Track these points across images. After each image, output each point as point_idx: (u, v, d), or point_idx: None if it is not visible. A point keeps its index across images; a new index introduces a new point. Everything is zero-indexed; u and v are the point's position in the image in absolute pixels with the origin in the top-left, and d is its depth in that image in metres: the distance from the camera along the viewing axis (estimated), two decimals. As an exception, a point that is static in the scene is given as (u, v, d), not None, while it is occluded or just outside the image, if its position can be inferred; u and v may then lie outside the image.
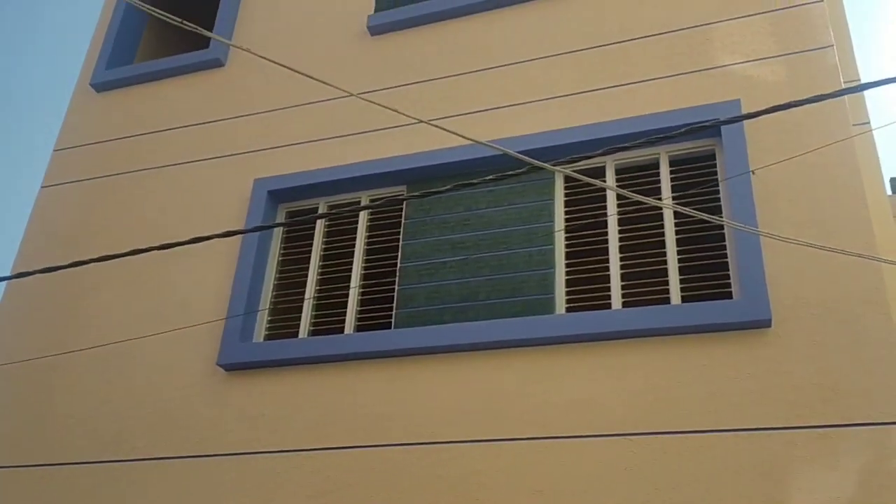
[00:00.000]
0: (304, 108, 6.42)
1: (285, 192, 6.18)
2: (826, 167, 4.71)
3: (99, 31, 7.91)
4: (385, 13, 6.69)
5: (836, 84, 4.93)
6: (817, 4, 5.30)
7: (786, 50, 5.21)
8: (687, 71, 5.40)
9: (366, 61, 6.55)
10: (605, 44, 5.80)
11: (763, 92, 5.10)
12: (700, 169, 5.19)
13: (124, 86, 7.37)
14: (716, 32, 5.48)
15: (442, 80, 6.18)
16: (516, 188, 5.50)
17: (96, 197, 6.78)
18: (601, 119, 5.48)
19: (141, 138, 6.95)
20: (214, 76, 7.05)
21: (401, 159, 5.88)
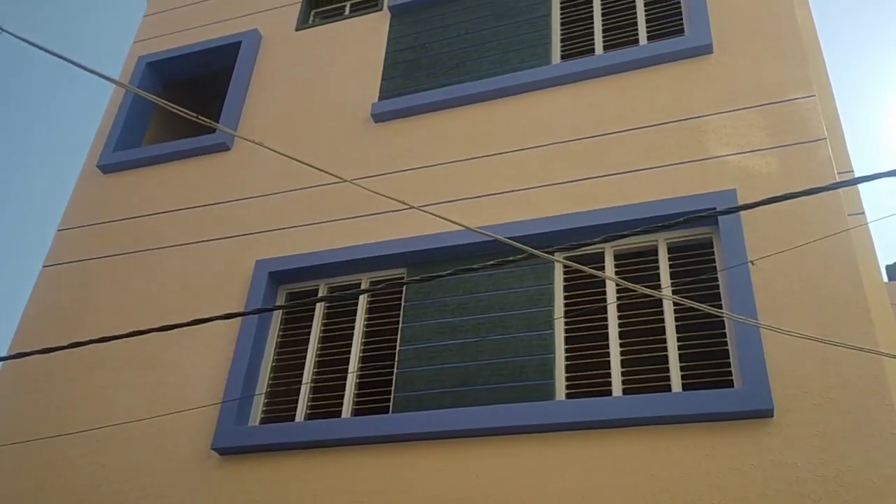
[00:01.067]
0: (306, 191, 6.52)
1: (286, 274, 6.22)
2: (824, 256, 4.75)
3: (108, 113, 8.11)
4: (389, 101, 6.87)
5: (830, 175, 5.04)
6: (809, 99, 5.46)
7: (780, 142, 5.34)
8: (683, 161, 5.52)
9: (369, 147, 6.69)
10: (604, 133, 5.93)
11: (759, 182, 5.20)
12: (698, 256, 5.23)
13: (131, 168, 7.50)
14: (711, 124, 5.63)
15: (443, 165, 6.30)
16: (516, 273, 5.53)
17: (97, 277, 6.81)
18: (600, 206, 5.56)
19: (145, 219, 7.03)
20: (220, 159, 7.19)
21: (401, 242, 5.94)
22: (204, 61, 8.24)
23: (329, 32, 7.80)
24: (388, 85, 7.03)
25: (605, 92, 6.17)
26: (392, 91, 6.97)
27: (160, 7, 8.98)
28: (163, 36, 8.58)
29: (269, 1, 8.34)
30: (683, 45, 6.08)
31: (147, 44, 8.60)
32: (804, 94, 5.49)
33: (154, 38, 8.61)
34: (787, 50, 5.78)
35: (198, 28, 8.43)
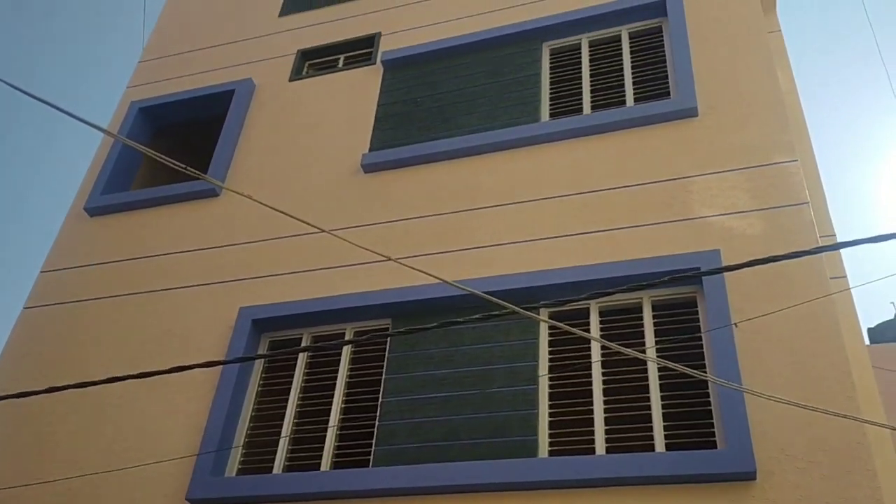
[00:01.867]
0: (293, 239, 6.52)
1: (270, 322, 6.18)
2: (807, 320, 4.79)
3: (98, 156, 8.12)
4: (379, 153, 6.93)
5: (812, 239, 5.10)
6: (792, 163, 5.57)
7: (763, 205, 5.43)
8: (668, 220, 5.58)
9: (359, 197, 6.73)
10: (590, 190, 6.00)
11: (742, 243, 5.26)
12: (682, 315, 5.25)
13: (118, 211, 7.49)
14: (696, 185, 5.71)
15: (432, 217, 6.34)
16: (501, 327, 5.52)
17: (78, 320, 6.73)
18: (585, 262, 5.59)
19: (129, 263, 6.99)
20: (208, 205, 7.19)
21: (386, 293, 5.93)
22: (197, 108, 8.31)
23: (322, 83, 7.91)
24: (379, 136, 7.10)
25: (592, 150, 6.27)
26: (383, 143, 7.05)
27: (156, 54, 9.09)
28: (156, 82, 8.67)
29: (263, 51, 8.47)
30: (669, 107, 6.21)
31: (140, 89, 8.68)
32: (787, 158, 5.60)
33: (147, 84, 8.69)
34: (770, 115, 5.91)
35: (192, 75, 8.53)
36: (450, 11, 7.92)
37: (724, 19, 6.67)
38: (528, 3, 7.60)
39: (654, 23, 7.04)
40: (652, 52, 6.87)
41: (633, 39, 7.04)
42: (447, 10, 7.96)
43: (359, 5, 8.50)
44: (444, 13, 7.93)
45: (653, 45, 6.92)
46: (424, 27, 7.89)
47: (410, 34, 7.88)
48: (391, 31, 8.01)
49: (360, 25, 8.27)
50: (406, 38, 7.87)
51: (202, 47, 8.84)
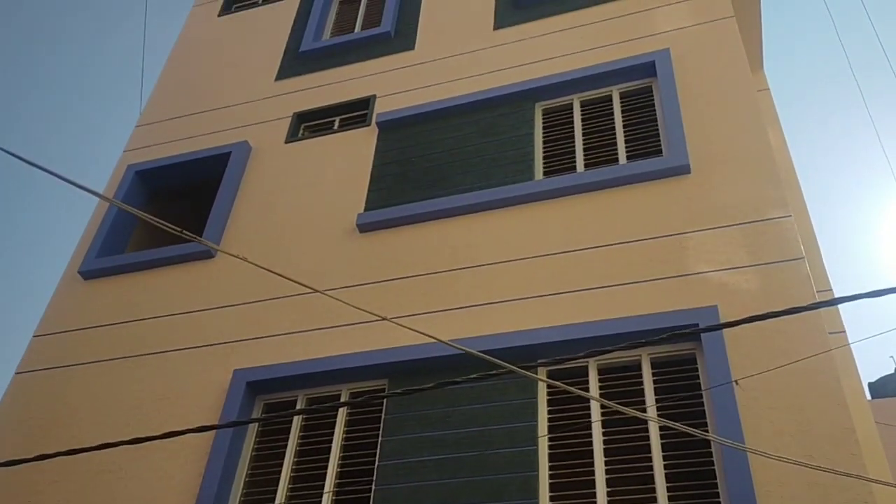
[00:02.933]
0: (288, 299, 6.49)
1: (264, 384, 6.10)
2: (807, 376, 4.74)
3: (94, 219, 8.13)
4: (374, 212, 6.96)
5: (810, 294, 5.10)
6: (786, 219, 5.60)
7: (759, 260, 5.43)
8: (665, 276, 5.58)
9: (354, 256, 6.73)
10: (586, 247, 6.01)
11: (739, 299, 5.25)
12: (682, 372, 5.21)
13: (112, 274, 7.46)
14: (691, 241, 5.73)
15: (428, 276, 6.33)
16: (498, 386, 5.46)
17: (71, 384, 6.64)
18: (582, 319, 5.57)
19: (123, 326, 6.93)
20: (204, 267, 7.18)
21: (383, 353, 5.88)
22: (193, 170, 8.37)
23: (318, 145, 7.99)
24: (374, 196, 7.14)
25: (586, 207, 6.30)
26: (378, 202, 7.08)
27: (153, 118, 9.19)
28: (153, 146, 8.74)
29: (260, 114, 8.58)
30: (662, 164, 6.27)
31: (137, 153, 8.75)
32: (780, 213, 5.64)
33: (144, 148, 8.77)
34: (762, 171, 5.97)
35: (189, 138, 8.62)
36: (443, 74, 8.06)
37: (713, 79, 6.79)
38: (519, 64, 7.75)
39: (644, 83, 7.17)
40: (643, 111, 6.98)
41: (623, 99, 7.15)
42: (440, 72, 8.10)
43: (354, 69, 8.65)
44: (438, 75, 8.08)
45: (643, 104, 7.03)
46: (418, 89, 8.02)
47: (405, 96, 8.01)
48: (386, 94, 8.14)
49: (356, 88, 8.40)
50: (400, 99, 7.99)
51: (199, 111, 8.95)
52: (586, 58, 7.48)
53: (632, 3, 7.86)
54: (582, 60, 7.48)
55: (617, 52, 7.39)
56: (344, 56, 8.88)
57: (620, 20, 7.73)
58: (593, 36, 7.68)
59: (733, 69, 6.80)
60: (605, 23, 7.78)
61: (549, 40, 7.88)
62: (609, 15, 7.83)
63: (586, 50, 7.57)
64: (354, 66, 8.69)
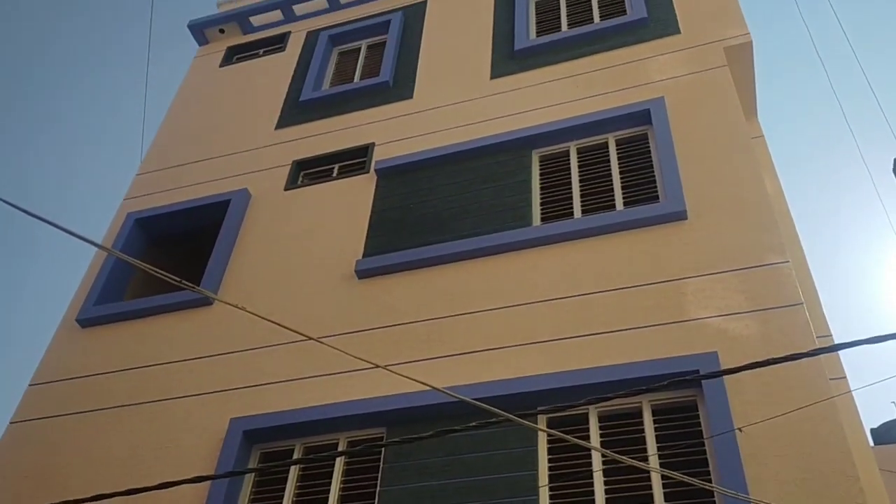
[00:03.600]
0: (286, 346, 6.45)
1: (261, 433, 6.04)
2: (809, 422, 4.71)
3: (92, 267, 8.13)
4: (372, 258, 6.97)
5: (810, 340, 5.08)
6: (784, 265, 5.61)
7: (758, 306, 5.43)
8: (664, 322, 5.57)
9: (353, 303, 6.72)
10: (584, 293, 6.01)
11: (739, 345, 5.23)
12: (684, 419, 5.16)
13: (110, 322, 7.44)
14: (689, 287, 5.73)
15: (426, 322, 6.31)
16: (498, 434, 5.40)
17: (66, 434, 6.57)
18: (581, 366, 5.54)
19: (120, 374, 6.88)
20: (201, 314, 7.15)
21: (380, 401, 5.83)
22: (193, 218, 8.41)
23: (317, 192, 8.04)
24: (373, 242, 7.16)
25: (584, 253, 6.32)
26: (376, 248, 7.10)
27: (153, 166, 9.27)
28: (153, 193, 8.80)
29: (260, 162, 8.65)
30: (659, 210, 6.31)
31: (137, 201, 8.80)
32: (778, 259, 5.65)
33: (144, 196, 8.82)
34: (759, 218, 6.00)
35: (189, 186, 8.68)
36: (441, 122, 8.16)
37: (708, 127, 6.87)
38: (516, 112, 7.85)
39: (640, 130, 7.25)
40: (639, 157, 7.05)
41: (619, 146, 7.23)
42: (438, 120, 8.20)
43: (353, 117, 8.76)
44: (436, 123, 8.17)
45: (639, 151, 7.10)
46: (417, 137, 8.11)
47: (403, 144, 8.09)
48: (384, 141, 8.23)
49: (355, 136, 8.50)
50: (399, 147, 8.07)
51: (200, 159, 9.03)
52: (582, 106, 7.58)
53: (626, 53, 8.00)
54: (578, 108, 7.58)
55: (612, 100, 7.49)
56: (343, 105, 9.00)
57: (615, 69, 7.86)
58: (589, 84, 7.80)
59: (727, 117, 6.88)
60: (600, 72, 7.91)
61: (545, 89, 8.00)
62: (604, 64, 7.97)
63: (582, 98, 7.68)
64: (353, 114, 8.80)
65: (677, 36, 7.95)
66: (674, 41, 7.91)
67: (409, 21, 9.97)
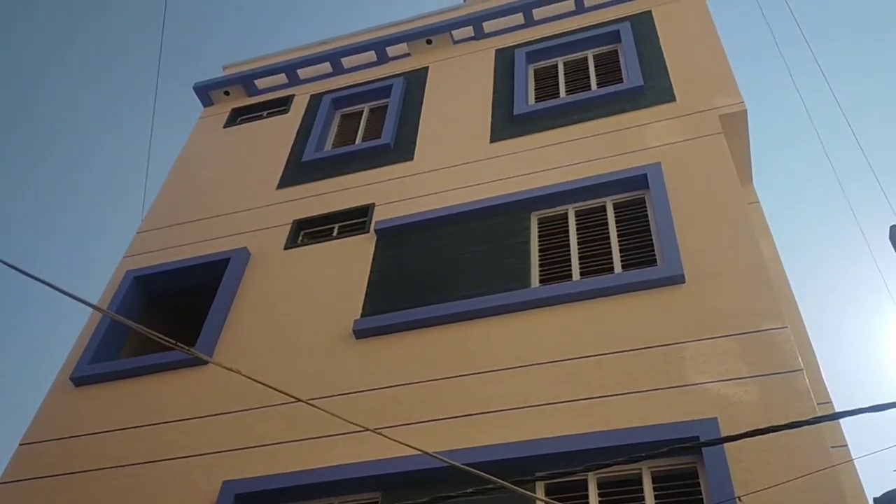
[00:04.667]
0: (280, 408, 6.36)
1: (253, 497, 5.92)
2: (811, 491, 4.62)
3: (89, 324, 8.09)
4: (370, 318, 6.96)
5: (810, 407, 5.04)
6: (782, 330, 5.60)
7: (757, 371, 5.40)
8: (663, 387, 5.53)
9: (350, 363, 6.68)
10: (582, 356, 5.98)
11: (739, 411, 5.18)
12: (684, 487, 5.07)
13: (104, 381, 7.36)
14: (688, 351, 5.71)
15: (421, 384, 6.26)
16: (495, 500, 5.29)
17: (56, 496, 6.42)
18: (579, 430, 5.47)
19: (113, 434, 6.79)
20: (197, 374, 7.09)
21: (376, 464, 5.74)
22: (192, 276, 8.41)
23: (316, 252, 8.07)
24: (371, 302, 7.16)
25: (582, 316, 6.31)
26: (375, 308, 7.09)
27: (154, 225, 9.32)
28: (153, 251, 8.82)
29: (260, 221, 8.71)
30: (657, 274, 6.33)
31: (137, 259, 8.82)
32: (776, 325, 5.64)
33: (144, 254, 8.85)
34: (756, 283, 6.02)
35: (189, 244, 8.71)
36: (441, 183, 8.25)
37: (704, 192, 6.95)
38: (515, 175, 7.95)
39: (637, 194, 7.33)
40: (636, 221, 7.10)
41: (617, 209, 7.29)
42: (438, 182, 8.29)
43: (354, 178, 8.86)
44: (436, 185, 8.26)
45: (637, 214, 7.16)
46: (417, 198, 8.18)
47: (403, 204, 8.16)
48: (385, 202, 8.30)
49: (355, 196, 8.57)
50: (399, 208, 8.14)
51: (200, 218, 9.09)
52: (580, 170, 7.69)
53: (623, 119, 8.14)
54: (576, 172, 7.68)
55: (610, 164, 7.60)
56: (345, 166, 9.11)
57: (612, 135, 7.99)
58: (587, 149, 7.92)
59: (723, 183, 6.97)
60: (598, 137, 8.04)
61: (543, 153, 8.12)
62: (601, 130, 8.11)
63: (580, 162, 7.79)
64: (355, 175, 8.91)
65: (673, 104, 8.12)
66: (670, 108, 8.07)
67: (411, 86, 10.18)
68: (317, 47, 11.44)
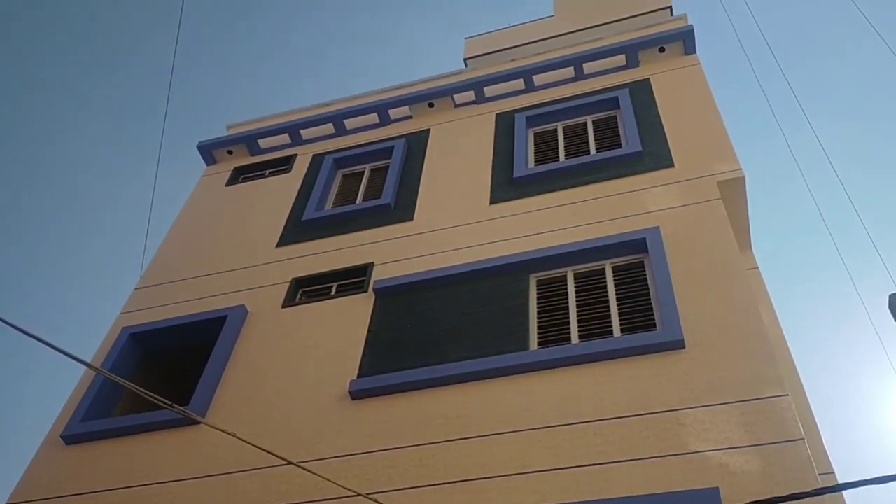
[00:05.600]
0: (273, 470, 6.26)
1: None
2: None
3: (83, 381, 8.00)
4: (367, 379, 6.89)
5: (812, 478, 4.95)
6: (783, 398, 5.54)
7: (758, 440, 5.32)
8: (663, 454, 5.44)
9: (345, 425, 6.58)
10: (581, 421, 5.90)
11: (740, 481, 5.08)
12: (684, 559, 4.95)
13: (96, 439, 7.25)
14: (688, 418, 5.64)
15: (417, 448, 6.16)
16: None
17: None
18: (579, 498, 5.36)
19: (103, 495, 6.64)
20: (190, 433, 6.98)
21: (371, 531, 5.60)
22: (188, 334, 8.36)
23: (314, 310, 8.04)
24: (368, 363, 7.10)
25: (581, 380, 6.25)
26: (371, 369, 7.03)
27: (152, 281, 9.30)
28: (150, 308, 8.79)
29: (259, 279, 8.70)
30: (656, 339, 6.29)
31: (133, 315, 8.78)
32: (777, 393, 5.59)
33: (141, 311, 8.81)
34: (757, 350, 5.98)
35: (186, 302, 8.68)
36: (440, 244, 8.28)
37: (704, 257, 6.97)
38: (514, 237, 7.98)
39: (636, 258, 7.35)
40: (635, 284, 7.10)
41: (616, 273, 7.30)
42: (438, 242, 8.32)
43: (354, 237, 8.89)
44: (435, 245, 8.29)
45: (636, 278, 7.17)
46: (416, 258, 8.20)
47: (402, 264, 8.17)
48: (384, 262, 8.32)
49: (355, 255, 8.59)
50: (398, 267, 8.15)
51: (199, 275, 9.09)
52: (579, 233, 7.73)
53: (622, 184, 8.22)
54: (575, 235, 7.72)
55: (609, 228, 7.64)
56: (345, 225, 9.16)
57: (611, 199, 8.06)
58: (586, 212, 7.98)
59: (722, 248, 6.99)
60: (597, 200, 8.11)
61: (543, 215, 8.17)
62: (600, 193, 8.18)
63: (579, 225, 7.83)
64: (354, 234, 8.95)
65: (671, 169, 8.21)
66: (668, 174, 8.16)
67: (412, 147, 10.31)
68: (320, 108, 11.63)
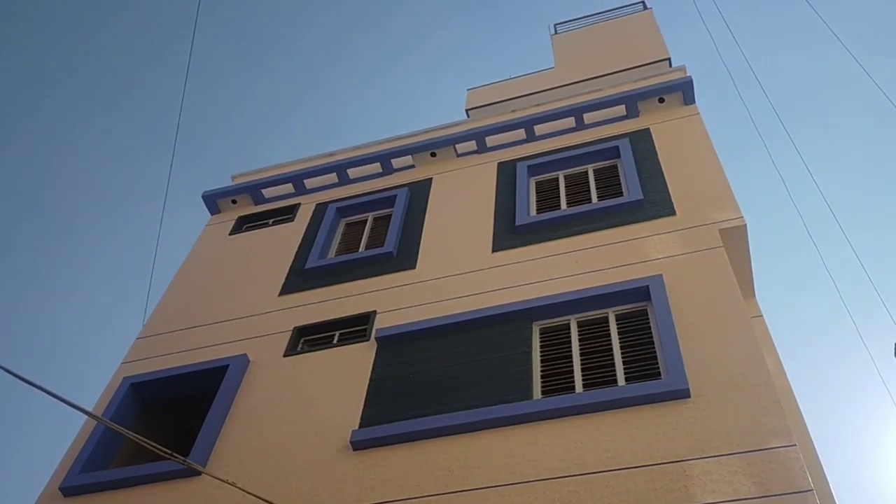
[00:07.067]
0: (275, 522, 6.17)
1: None
2: None
3: (83, 432, 7.92)
4: (368, 429, 6.81)
5: (822, 530, 4.86)
6: (791, 448, 5.46)
7: (766, 492, 5.23)
8: (670, 507, 5.34)
9: (345, 476, 6.49)
10: (587, 472, 5.82)
11: (750, 533, 4.98)
12: None
13: (95, 491, 7.14)
14: (695, 469, 5.55)
15: (420, 499, 6.07)
16: None
17: None
18: (585, 553, 5.25)
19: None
20: (190, 485, 6.88)
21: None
22: (189, 383, 8.31)
23: (316, 359, 7.99)
24: (370, 413, 7.03)
25: (586, 430, 6.17)
26: (373, 419, 6.95)
27: (154, 331, 9.27)
28: (152, 358, 8.74)
29: (261, 328, 8.67)
30: (661, 388, 6.23)
31: (134, 365, 8.73)
32: (785, 443, 5.51)
33: (142, 360, 8.76)
34: (763, 398, 5.92)
35: (188, 351, 8.64)
36: (442, 292, 8.26)
37: (707, 305, 6.94)
38: (517, 285, 7.97)
39: (640, 306, 7.32)
40: (639, 333, 7.06)
41: (620, 321, 7.27)
42: (440, 291, 8.31)
43: (356, 285, 8.88)
44: (437, 294, 8.27)
45: (640, 326, 7.13)
46: (418, 306, 8.18)
47: (405, 312, 8.15)
48: (386, 310, 8.29)
49: (357, 304, 8.58)
50: (400, 316, 8.12)
51: (201, 324, 9.06)
52: (582, 280, 7.72)
53: (623, 232, 8.24)
54: (578, 283, 7.71)
55: (611, 276, 7.63)
56: (347, 273, 9.16)
57: (614, 247, 8.07)
58: (589, 260, 7.98)
59: (726, 295, 6.97)
60: (599, 248, 8.12)
61: (545, 263, 8.17)
62: (602, 241, 8.19)
63: (582, 273, 7.83)
64: (357, 282, 8.94)
65: (673, 217, 8.24)
66: (670, 222, 8.19)
67: (415, 196, 10.37)
68: (323, 158, 11.74)
